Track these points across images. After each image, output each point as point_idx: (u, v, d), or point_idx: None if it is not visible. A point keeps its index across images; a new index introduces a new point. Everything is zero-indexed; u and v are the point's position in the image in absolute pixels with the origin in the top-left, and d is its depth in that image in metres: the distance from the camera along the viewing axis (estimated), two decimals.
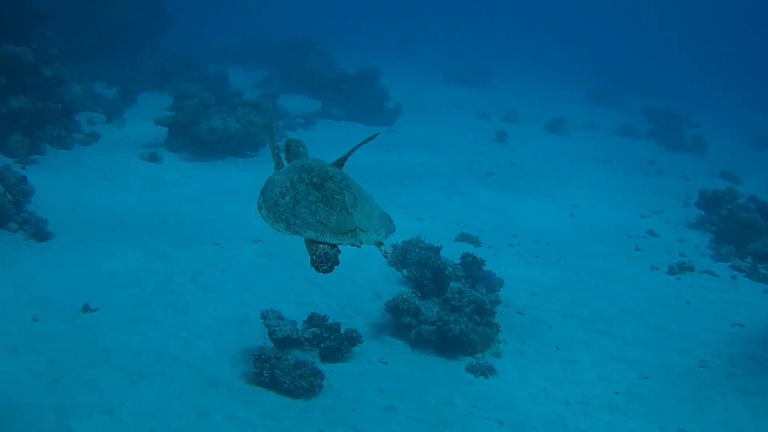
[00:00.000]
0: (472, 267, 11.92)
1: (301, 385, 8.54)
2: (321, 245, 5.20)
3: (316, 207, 5.27)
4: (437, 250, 12.25)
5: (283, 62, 30.76)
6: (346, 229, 5.20)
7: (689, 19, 71.91)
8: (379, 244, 5.36)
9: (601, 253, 14.94)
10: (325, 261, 5.15)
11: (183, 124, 18.60)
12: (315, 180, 5.40)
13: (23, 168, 13.61)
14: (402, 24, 62.72)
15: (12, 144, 15.79)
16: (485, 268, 12.00)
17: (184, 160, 18.07)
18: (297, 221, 5.25)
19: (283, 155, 6.35)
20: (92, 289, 10.63)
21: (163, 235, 13.02)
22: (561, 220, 17.14)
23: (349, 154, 6.15)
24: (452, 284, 11.28)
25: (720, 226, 16.65)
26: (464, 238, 14.68)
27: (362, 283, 12.11)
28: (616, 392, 9.53)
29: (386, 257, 5.51)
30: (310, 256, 5.20)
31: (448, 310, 10.57)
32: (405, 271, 12.12)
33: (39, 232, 12.02)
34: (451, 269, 11.68)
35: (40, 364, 8.57)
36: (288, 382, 8.54)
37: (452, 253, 12.57)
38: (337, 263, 5.15)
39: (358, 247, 5.22)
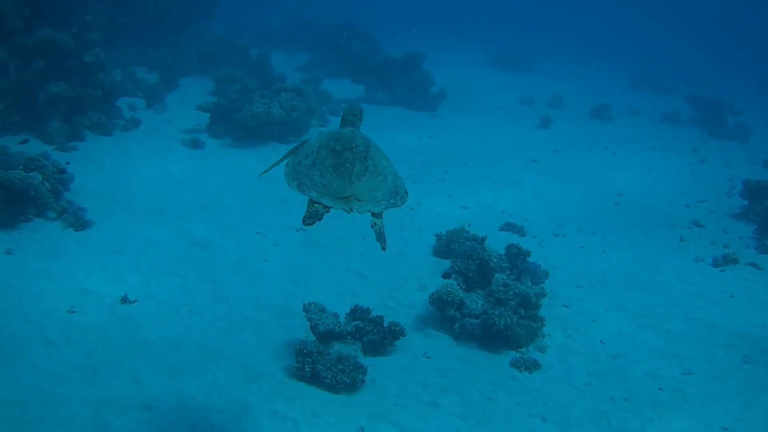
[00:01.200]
0: (516, 258, 11.81)
1: (343, 380, 8.47)
2: (318, 205, 5.79)
3: (326, 171, 5.72)
4: (482, 240, 12.17)
5: (327, 46, 30.50)
6: (343, 195, 5.66)
7: (735, 6, 70.81)
8: (375, 215, 5.94)
9: (646, 244, 14.74)
10: (313, 217, 5.81)
11: (225, 110, 18.52)
12: (338, 148, 5.78)
13: (67, 163, 13.50)
14: (447, 8, 62.21)
15: (51, 131, 15.82)
16: (530, 258, 11.91)
17: (227, 146, 17.99)
18: (307, 181, 5.76)
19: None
20: (132, 278, 10.63)
21: (205, 223, 13.00)
22: (605, 209, 16.94)
23: None
24: (497, 276, 11.14)
25: (764, 217, 16.33)
26: (509, 227, 14.57)
27: (406, 273, 12.02)
28: (660, 389, 9.39)
29: (373, 227, 6.07)
30: (306, 211, 5.82)
31: (492, 303, 10.45)
32: (450, 262, 11.97)
33: (78, 220, 12.00)
34: (496, 260, 11.55)
35: (77, 356, 8.55)
36: (330, 377, 8.48)
37: (497, 242, 12.46)
38: (320, 219, 5.81)
39: (348, 212, 5.75)
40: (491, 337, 9.96)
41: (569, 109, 30.01)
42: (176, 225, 12.74)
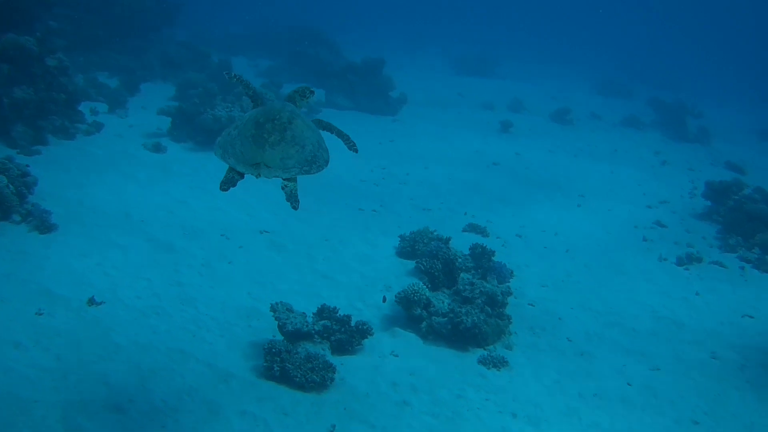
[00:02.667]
0: (482, 258, 11.91)
1: (313, 378, 8.48)
2: (234, 171, 6.21)
3: (246, 140, 6.02)
4: (447, 240, 12.29)
5: (289, 51, 30.57)
6: (254, 161, 5.99)
7: (696, 11, 71.70)
8: (286, 180, 6.30)
9: (610, 244, 14.95)
10: (228, 183, 6.25)
11: (187, 114, 18.43)
12: (261, 120, 6.08)
13: (27, 166, 13.37)
14: (409, 14, 62.39)
15: (15, 135, 15.66)
16: (495, 258, 12.00)
17: (189, 150, 17.90)
18: (230, 149, 6.10)
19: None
20: (98, 281, 10.52)
21: (170, 227, 12.91)
22: (568, 210, 17.11)
23: (332, 128, 7.13)
24: (463, 275, 11.22)
25: (727, 217, 16.62)
26: (472, 228, 14.66)
27: (372, 276, 12.06)
28: (629, 384, 9.53)
29: (283, 189, 6.38)
30: (224, 177, 6.26)
31: (459, 302, 10.57)
32: (414, 263, 12.05)
33: (43, 223, 11.88)
34: (461, 260, 11.63)
35: (47, 359, 8.47)
36: (299, 375, 8.49)
37: (461, 243, 12.60)
38: (234, 185, 6.24)
39: (257, 177, 6.11)
40: (459, 335, 10.02)
41: (530, 113, 30.23)
42: (141, 228, 12.66)
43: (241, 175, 6.24)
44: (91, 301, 9.83)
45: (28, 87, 16.08)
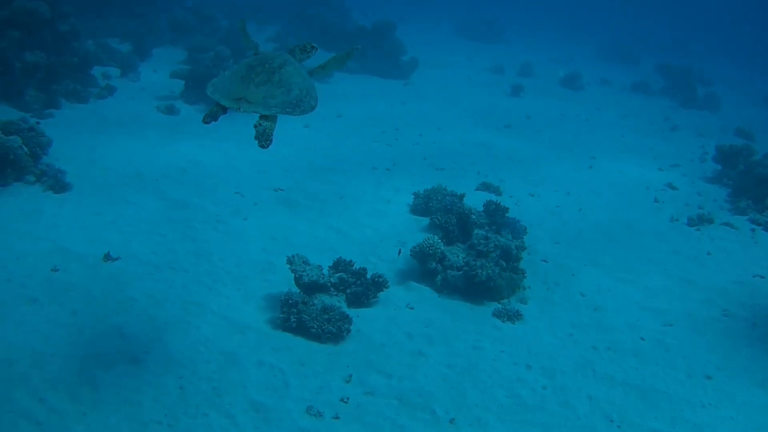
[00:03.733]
0: (495, 214, 11.95)
1: (329, 329, 8.54)
2: (218, 106, 6.55)
3: (235, 80, 6.53)
4: (461, 197, 12.45)
5: (296, 15, 30.37)
6: (236, 96, 6.40)
7: None
8: (266, 118, 6.48)
9: (621, 204, 14.98)
10: (210, 116, 6.64)
11: (199, 76, 18.39)
12: (253, 63, 6.64)
13: (38, 123, 13.43)
14: None
15: (27, 99, 15.72)
16: (508, 215, 12.04)
17: (202, 112, 17.63)
18: (219, 87, 6.55)
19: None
20: (113, 238, 10.59)
21: (183, 185, 12.98)
22: (579, 172, 17.13)
23: (326, 64, 7.54)
24: (477, 231, 11.25)
25: (737, 180, 16.63)
26: (485, 187, 14.71)
27: (385, 231, 12.15)
28: (642, 339, 9.57)
29: (256, 127, 6.48)
30: (208, 111, 6.67)
31: (474, 256, 10.60)
32: (428, 220, 12.12)
33: (57, 183, 11.93)
34: (475, 216, 11.65)
35: (62, 314, 8.52)
36: (316, 326, 8.55)
37: (474, 201, 12.66)
38: (215, 120, 6.64)
39: (237, 110, 6.45)
40: (473, 288, 10.09)
41: (540, 78, 30.31)
42: (154, 187, 12.71)
43: (224, 110, 6.59)
44: (107, 257, 9.91)
45: (40, 51, 16.09)
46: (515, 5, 54.02)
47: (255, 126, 6.50)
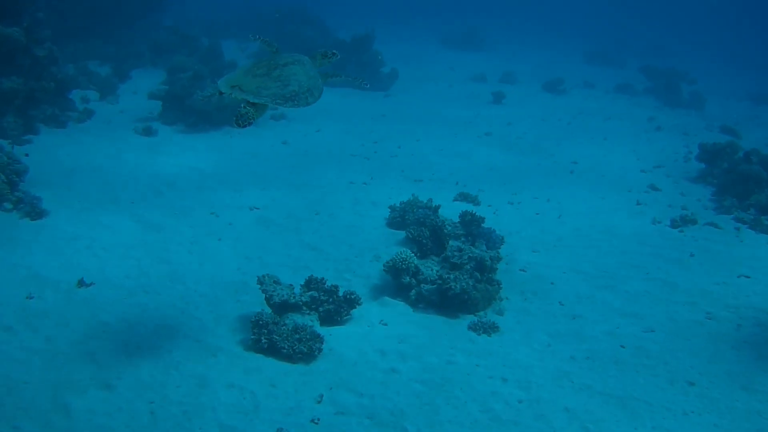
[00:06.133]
0: (471, 225, 11.84)
1: (300, 349, 8.45)
2: (219, 91, 7.33)
3: (240, 73, 7.35)
4: (436, 209, 12.27)
5: (277, 32, 30.46)
6: (233, 84, 7.18)
7: None
8: (253, 107, 7.14)
9: (602, 208, 14.86)
10: (211, 94, 7.77)
11: (177, 97, 18.47)
12: (262, 61, 7.51)
13: (12, 149, 13.40)
14: None
15: (5, 125, 15.69)
16: (485, 225, 11.93)
17: (180, 132, 17.92)
18: (227, 78, 7.33)
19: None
20: (88, 263, 10.57)
21: (159, 207, 12.93)
22: (560, 177, 17.01)
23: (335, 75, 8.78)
24: (452, 242, 11.16)
25: (722, 179, 16.54)
26: (463, 197, 14.62)
27: (361, 246, 12.05)
28: (622, 346, 9.42)
29: (241, 110, 7.11)
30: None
31: (448, 269, 10.48)
32: (404, 233, 12.01)
33: (34, 210, 11.91)
34: (450, 227, 11.58)
35: (37, 341, 8.49)
36: (287, 347, 8.46)
37: (452, 212, 12.52)
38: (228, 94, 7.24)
39: (229, 95, 7.16)
40: (448, 301, 9.98)
41: (522, 84, 30.25)
42: (131, 210, 12.68)
43: (221, 93, 7.31)
44: (81, 283, 9.86)
45: (18, 77, 16.08)
46: (500, 14, 54.13)
47: (240, 108, 7.13)
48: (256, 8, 36.68)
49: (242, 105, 7.14)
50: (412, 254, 10.63)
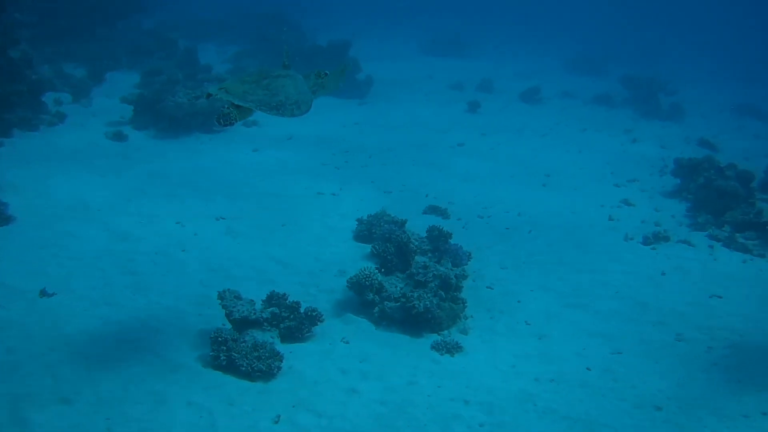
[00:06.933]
0: (438, 240, 11.80)
1: (259, 367, 8.34)
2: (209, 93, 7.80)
3: (233, 79, 7.84)
4: (402, 223, 12.17)
5: (255, 36, 30.43)
6: (222, 87, 7.58)
7: None
8: (238, 109, 7.59)
9: (574, 224, 14.75)
10: (207, 95, 7.92)
11: (149, 101, 18.32)
12: (256, 71, 7.99)
13: None
14: None
15: None
16: (453, 241, 11.87)
17: (151, 138, 17.77)
18: (225, 84, 7.70)
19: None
20: (54, 272, 10.42)
21: (126, 215, 12.81)
22: (533, 190, 16.90)
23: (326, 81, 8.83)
24: (418, 258, 11.08)
25: (697, 194, 16.44)
26: (432, 210, 14.50)
27: (327, 260, 11.93)
28: (588, 369, 9.32)
29: (223, 110, 7.58)
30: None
31: (412, 286, 10.40)
32: (370, 247, 11.95)
33: (0, 216, 11.75)
34: (417, 243, 11.52)
35: None
36: (245, 364, 8.35)
37: (420, 226, 12.48)
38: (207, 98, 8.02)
39: (215, 95, 7.60)
40: (412, 320, 9.88)
41: (499, 93, 30.03)
42: (98, 218, 12.55)
43: (210, 95, 7.72)
44: (43, 293, 9.71)
45: None
46: (482, 20, 53.92)
47: (223, 108, 7.56)
48: (237, 11, 36.58)
49: (225, 106, 7.50)
50: (377, 270, 10.53)
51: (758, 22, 57.28)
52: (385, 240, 11.36)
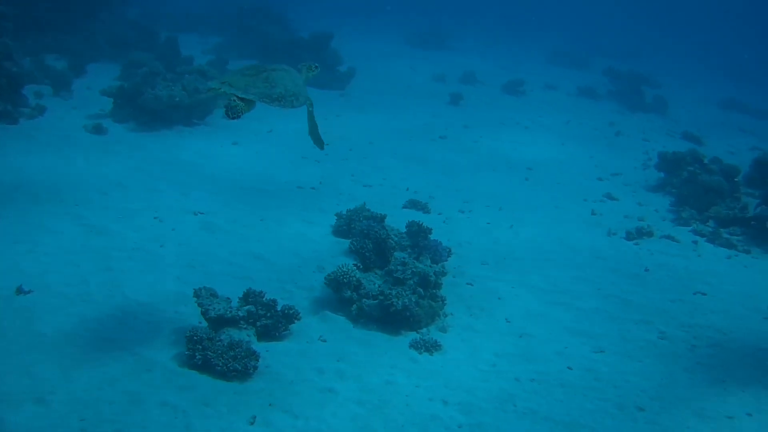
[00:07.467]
0: (418, 236, 11.69)
1: (235, 367, 8.21)
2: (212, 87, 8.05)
3: (233, 73, 8.13)
4: (381, 219, 12.00)
5: (238, 27, 30.24)
6: (225, 81, 7.88)
7: None
8: (243, 101, 7.82)
9: (556, 219, 14.70)
10: (210, 90, 8.13)
11: (129, 94, 18.15)
12: (253, 65, 8.39)
13: None
14: None
15: None
16: (433, 236, 11.77)
17: (130, 131, 17.59)
18: (227, 78, 7.98)
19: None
20: (30, 268, 10.24)
21: (104, 209, 12.64)
22: (514, 184, 16.87)
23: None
24: (397, 255, 10.98)
25: (681, 189, 16.41)
26: (413, 204, 14.43)
27: (306, 256, 11.80)
28: (569, 368, 9.21)
29: (231, 102, 7.78)
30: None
31: (391, 283, 10.29)
32: (349, 243, 11.84)
33: None
34: (396, 239, 11.45)
35: None
36: (221, 364, 8.21)
37: (400, 220, 12.33)
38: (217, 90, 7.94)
39: (218, 90, 7.86)
40: (390, 318, 9.76)
41: (482, 85, 30.07)
42: (76, 212, 12.37)
43: (211, 90, 8.01)
44: (19, 290, 9.55)
45: None
46: (466, 13, 53.80)
47: (231, 100, 7.75)
48: (220, 1, 36.28)
49: (232, 98, 7.74)
50: (355, 267, 10.43)
51: (745, 19, 57.45)
52: (363, 236, 11.21)
